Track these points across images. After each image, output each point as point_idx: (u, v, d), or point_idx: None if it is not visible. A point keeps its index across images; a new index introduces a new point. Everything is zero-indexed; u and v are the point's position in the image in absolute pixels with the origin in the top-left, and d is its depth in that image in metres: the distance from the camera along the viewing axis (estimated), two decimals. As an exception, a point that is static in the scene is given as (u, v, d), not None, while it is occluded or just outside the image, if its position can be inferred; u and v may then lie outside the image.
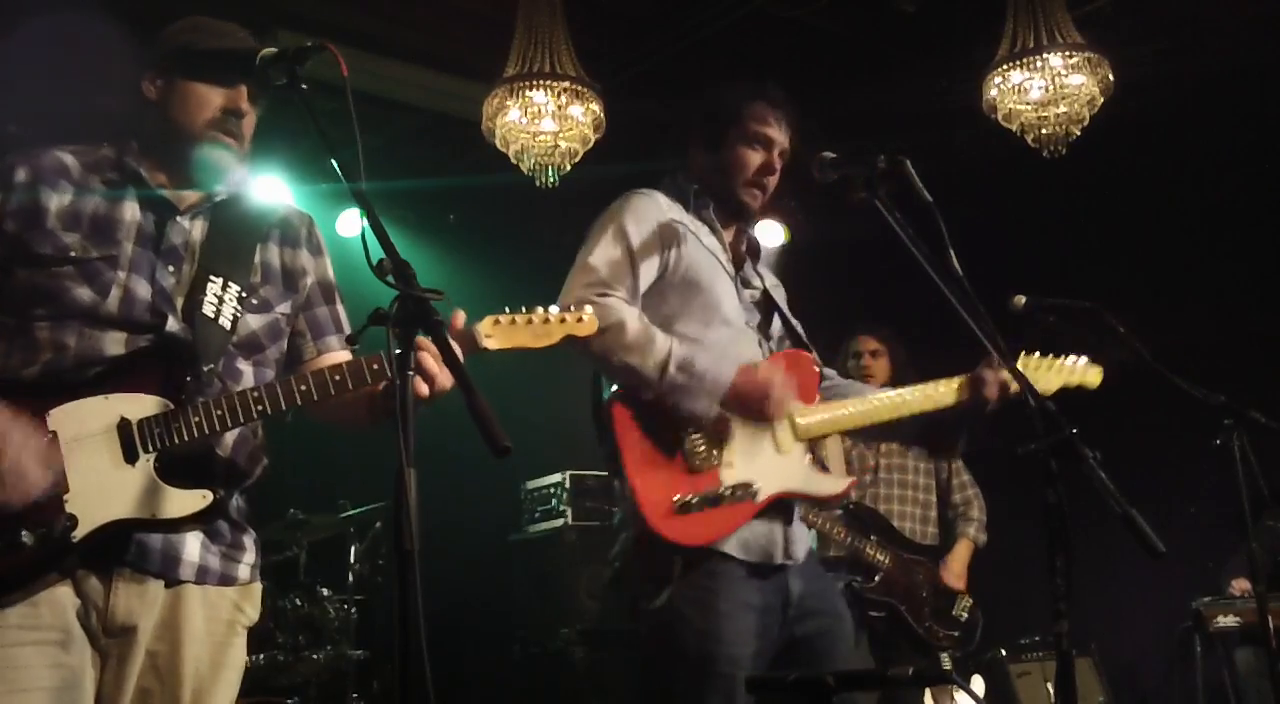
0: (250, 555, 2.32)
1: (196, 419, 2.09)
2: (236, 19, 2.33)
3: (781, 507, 2.72)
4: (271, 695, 5.16)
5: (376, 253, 1.90)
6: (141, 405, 2.09)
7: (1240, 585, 5.98)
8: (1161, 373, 3.28)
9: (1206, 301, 6.24)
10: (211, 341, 2.19)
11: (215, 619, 2.23)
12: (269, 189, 6.29)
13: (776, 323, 3.00)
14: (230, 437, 2.25)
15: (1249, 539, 3.60)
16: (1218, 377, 3.53)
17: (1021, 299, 3.22)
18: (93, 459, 2.05)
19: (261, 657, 5.12)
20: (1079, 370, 3.06)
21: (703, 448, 2.63)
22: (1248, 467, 3.45)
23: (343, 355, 2.42)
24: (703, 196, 2.91)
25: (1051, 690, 5.75)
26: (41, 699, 2.00)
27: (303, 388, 2.14)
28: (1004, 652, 5.99)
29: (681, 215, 2.85)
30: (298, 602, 5.44)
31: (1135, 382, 3.34)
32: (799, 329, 3.03)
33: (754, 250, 3.03)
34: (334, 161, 2.01)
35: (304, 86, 2.08)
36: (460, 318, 2.12)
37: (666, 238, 2.77)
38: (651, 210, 2.80)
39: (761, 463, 2.68)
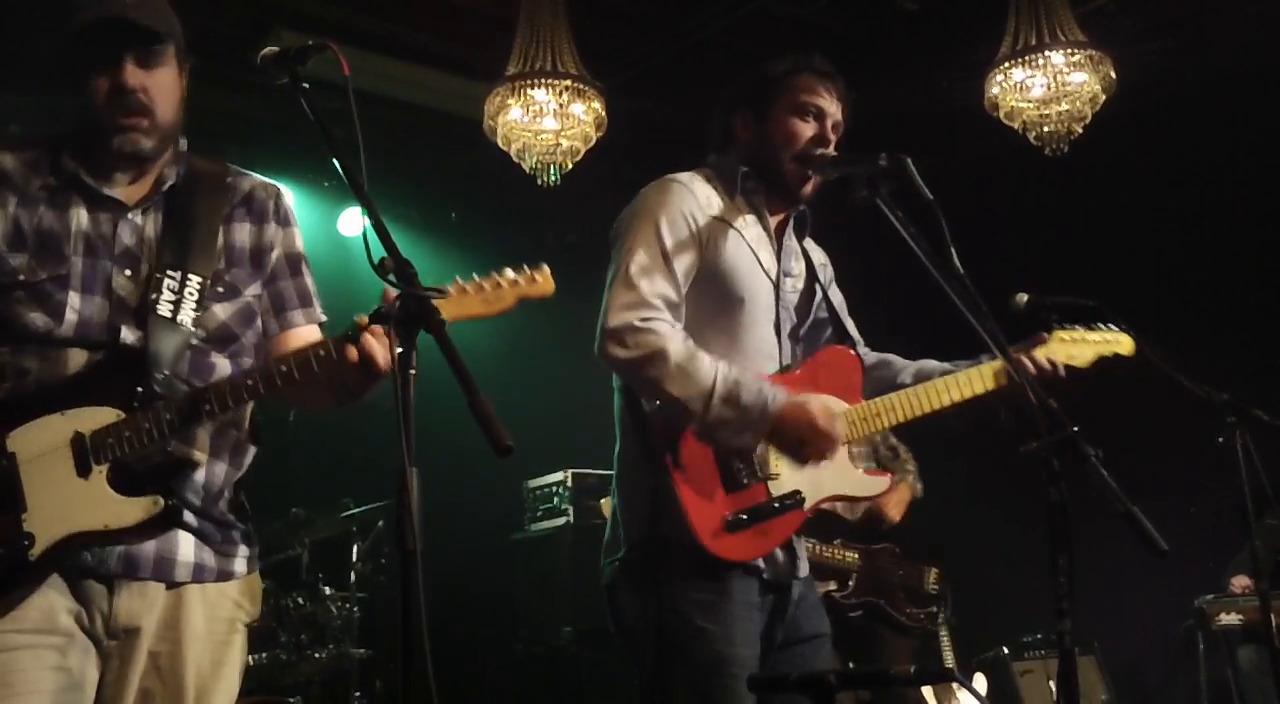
0: (245, 548, 2.29)
1: (147, 425, 2.06)
2: (238, 18, 2.30)
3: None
4: (274, 694, 5.16)
5: (378, 251, 1.90)
6: (97, 418, 2.07)
7: (1240, 582, 5.98)
8: (1164, 370, 3.27)
9: (1209, 299, 6.23)
10: (167, 344, 2.14)
11: (216, 618, 2.22)
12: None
13: (815, 312, 2.92)
14: (206, 435, 2.21)
15: (1252, 537, 3.60)
16: (1220, 374, 3.52)
17: (1023, 297, 3.21)
18: (49, 476, 2.04)
19: (264, 655, 5.13)
20: (1111, 340, 2.96)
21: (750, 463, 2.60)
22: (1250, 465, 3.44)
23: (307, 331, 2.36)
24: (751, 179, 2.79)
25: (1054, 688, 5.75)
26: (42, 702, 2.00)
27: (249, 383, 2.09)
28: (1006, 650, 5.99)
29: (723, 206, 2.73)
30: (300, 601, 5.44)
31: (1137, 379, 3.33)
32: (842, 316, 2.95)
33: (801, 224, 2.91)
34: (335, 161, 2.00)
35: (305, 86, 2.06)
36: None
37: (703, 237, 2.66)
38: (688, 204, 2.68)
39: (807, 470, 2.65)
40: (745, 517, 2.55)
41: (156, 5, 2.20)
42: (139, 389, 2.09)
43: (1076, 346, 2.90)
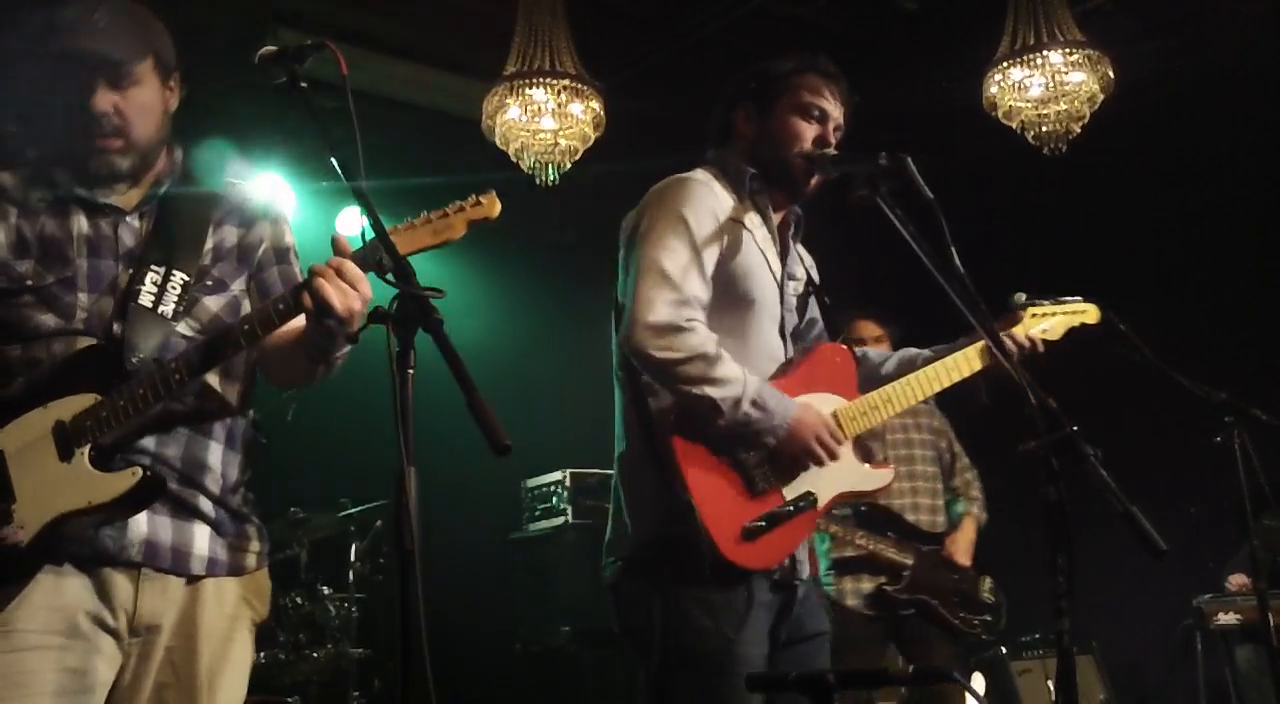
0: (256, 544, 2.35)
1: (122, 403, 2.10)
2: (237, 17, 2.31)
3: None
4: (273, 694, 5.17)
5: (376, 251, 1.91)
6: (75, 405, 2.12)
7: (1237, 581, 5.99)
8: (1163, 370, 3.27)
9: (1208, 299, 6.23)
10: (143, 331, 2.17)
11: (223, 615, 2.26)
12: (268, 187, 6.30)
13: (811, 313, 2.95)
14: (223, 426, 2.27)
15: (1250, 537, 3.60)
16: (1218, 374, 3.52)
17: (1022, 296, 3.22)
18: (35, 465, 2.10)
19: (263, 655, 5.13)
20: (1078, 310, 3.04)
21: (764, 469, 2.61)
22: (1249, 464, 3.45)
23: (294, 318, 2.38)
24: (758, 180, 2.79)
25: (1053, 688, 5.75)
26: (51, 703, 2.02)
27: (218, 346, 2.13)
28: (1005, 649, 5.98)
29: (735, 207, 2.74)
30: (299, 600, 5.45)
31: (1136, 379, 3.34)
32: (831, 312, 2.97)
33: (798, 230, 2.93)
34: (334, 160, 2.01)
35: (303, 85, 2.07)
36: (345, 240, 2.06)
37: (726, 240, 2.67)
38: (711, 203, 2.68)
39: (816, 470, 2.67)
40: (764, 523, 2.56)
41: (131, 24, 2.21)
42: (114, 374, 2.13)
43: (1047, 320, 2.99)
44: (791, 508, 2.61)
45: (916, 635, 4.59)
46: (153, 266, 2.22)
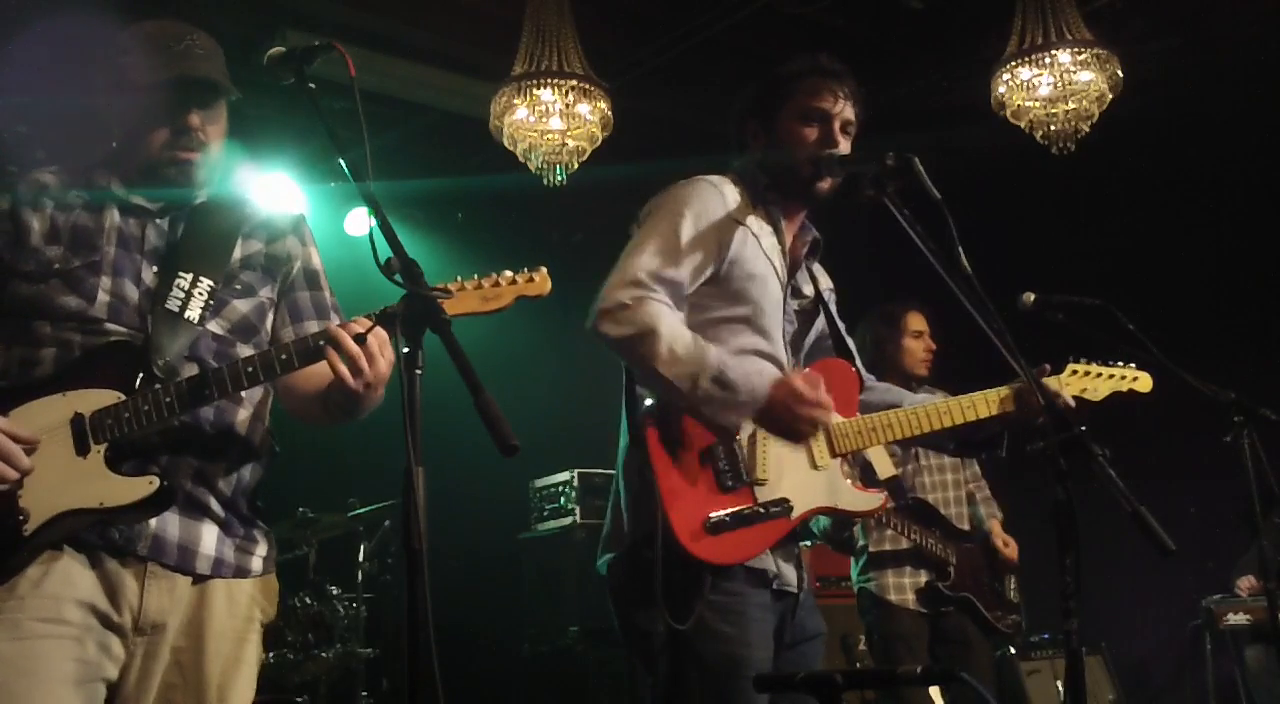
0: (263, 548, 2.35)
1: (146, 408, 2.11)
2: (244, 18, 2.33)
3: (795, 536, 2.71)
4: (281, 694, 5.18)
5: (384, 252, 1.92)
6: (97, 399, 2.12)
7: (1246, 585, 5.98)
8: (1171, 370, 3.26)
9: (1217, 297, 6.22)
10: (169, 335, 2.20)
11: (235, 616, 2.26)
12: (277, 188, 6.31)
13: (816, 331, 2.93)
14: (242, 429, 2.28)
15: (1259, 537, 3.59)
16: (1225, 374, 3.52)
17: (1030, 296, 3.22)
18: (48, 454, 2.09)
19: (271, 655, 5.14)
20: (1129, 376, 2.95)
21: (736, 466, 2.58)
22: (1258, 464, 3.44)
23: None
24: (771, 190, 2.80)
25: (1061, 688, 5.75)
26: (65, 691, 2.03)
27: (249, 370, 2.14)
28: (1013, 649, 5.98)
29: (745, 212, 2.74)
30: (307, 600, 5.46)
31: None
32: (844, 335, 2.95)
33: (814, 247, 2.91)
34: (342, 161, 2.02)
35: (312, 86, 2.09)
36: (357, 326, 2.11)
37: (725, 238, 2.66)
38: (714, 204, 2.68)
39: (796, 479, 2.64)
40: (728, 519, 2.53)
41: (216, 50, 2.33)
42: (140, 374, 2.15)
43: (1091, 381, 2.90)
44: (762, 509, 2.57)
45: (957, 636, 4.55)
46: (180, 273, 2.25)
